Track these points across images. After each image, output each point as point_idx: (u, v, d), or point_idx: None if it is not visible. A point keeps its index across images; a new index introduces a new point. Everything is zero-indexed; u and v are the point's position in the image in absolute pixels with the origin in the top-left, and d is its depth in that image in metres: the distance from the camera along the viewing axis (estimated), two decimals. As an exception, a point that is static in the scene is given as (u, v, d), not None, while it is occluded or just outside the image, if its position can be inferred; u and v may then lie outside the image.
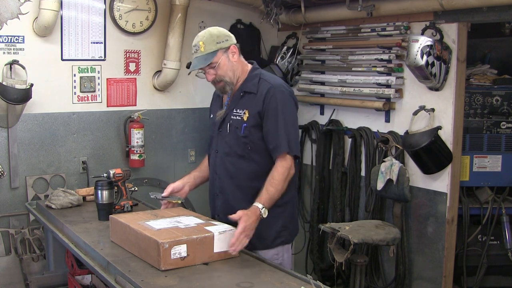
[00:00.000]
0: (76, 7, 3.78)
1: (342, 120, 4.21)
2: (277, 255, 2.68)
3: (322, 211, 4.32)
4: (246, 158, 2.63)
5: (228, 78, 2.61)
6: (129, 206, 3.07)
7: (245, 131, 2.60)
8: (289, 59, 4.38)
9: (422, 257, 3.68)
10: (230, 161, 2.66)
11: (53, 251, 3.33)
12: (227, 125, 2.67)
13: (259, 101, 2.59)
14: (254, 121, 2.59)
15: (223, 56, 2.58)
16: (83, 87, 3.88)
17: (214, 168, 2.75)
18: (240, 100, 2.65)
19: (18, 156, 3.65)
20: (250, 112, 2.60)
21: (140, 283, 2.07)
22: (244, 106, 2.63)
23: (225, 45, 2.59)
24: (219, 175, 2.73)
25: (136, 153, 4.02)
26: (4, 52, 3.53)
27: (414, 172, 3.61)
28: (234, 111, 2.65)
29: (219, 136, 2.72)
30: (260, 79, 2.65)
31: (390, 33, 3.68)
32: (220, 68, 2.58)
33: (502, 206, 3.88)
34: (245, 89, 2.65)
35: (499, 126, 3.83)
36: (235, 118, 2.64)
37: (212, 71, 2.59)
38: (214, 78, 2.61)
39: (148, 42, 4.15)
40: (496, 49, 4.31)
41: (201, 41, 2.56)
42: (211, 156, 2.81)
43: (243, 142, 2.61)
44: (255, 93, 2.61)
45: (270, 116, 2.57)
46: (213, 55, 2.55)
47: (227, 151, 2.67)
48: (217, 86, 2.67)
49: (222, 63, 2.58)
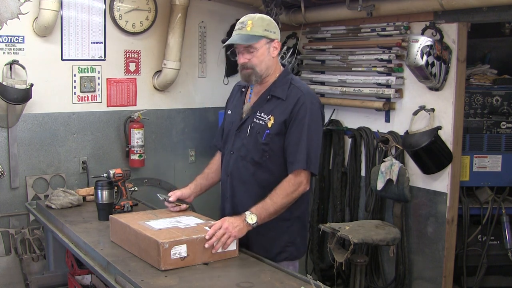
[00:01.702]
0: (76, 7, 3.78)
1: (342, 120, 4.21)
2: None
3: (322, 211, 4.32)
4: (262, 166, 2.49)
5: (259, 70, 2.46)
6: (129, 206, 3.07)
7: (266, 138, 2.46)
8: (289, 59, 4.38)
9: (422, 257, 3.68)
10: (245, 165, 2.52)
11: (53, 251, 3.33)
12: (248, 127, 2.51)
13: (287, 109, 2.44)
14: (278, 129, 2.45)
15: (265, 46, 2.45)
16: (83, 87, 3.88)
17: (227, 169, 2.61)
18: (266, 103, 2.50)
19: (18, 156, 3.65)
20: (275, 119, 2.45)
21: (140, 283, 2.06)
22: (269, 111, 2.48)
23: (271, 36, 2.47)
24: (231, 178, 2.59)
25: (136, 153, 4.03)
26: (4, 52, 3.53)
27: (414, 172, 3.61)
28: (258, 114, 2.50)
29: (237, 137, 2.56)
30: (291, 84, 2.51)
31: (390, 33, 3.68)
32: (257, 56, 2.44)
33: (502, 206, 3.88)
34: (274, 93, 2.50)
35: (499, 126, 3.83)
36: (258, 122, 2.49)
37: (247, 55, 2.44)
38: (246, 63, 2.45)
39: (148, 42, 4.15)
40: (496, 49, 4.31)
41: (250, 20, 2.43)
42: (224, 156, 2.66)
43: (262, 149, 2.47)
44: (283, 99, 2.47)
45: (295, 127, 2.43)
46: (257, 39, 2.42)
47: (243, 155, 2.52)
48: (244, 72, 2.48)
49: (261, 52, 2.44)
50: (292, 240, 2.57)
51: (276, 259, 2.49)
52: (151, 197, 4.02)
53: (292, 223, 2.56)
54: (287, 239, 2.56)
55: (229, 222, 2.31)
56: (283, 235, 2.55)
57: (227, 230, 2.28)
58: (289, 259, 2.58)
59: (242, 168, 2.53)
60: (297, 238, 2.60)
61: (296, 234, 2.59)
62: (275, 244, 2.54)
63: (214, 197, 3.50)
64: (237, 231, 2.31)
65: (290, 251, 2.57)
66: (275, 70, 2.55)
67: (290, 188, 2.41)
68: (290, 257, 2.58)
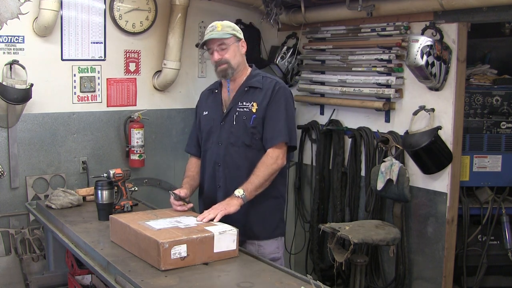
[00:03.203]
0: (76, 7, 3.78)
1: (342, 120, 4.21)
2: (278, 248, 2.85)
3: (322, 211, 4.32)
4: (253, 147, 2.77)
5: (233, 63, 2.77)
6: (129, 206, 3.07)
7: (254, 122, 2.75)
8: (289, 59, 4.38)
9: (422, 257, 3.68)
10: (237, 150, 2.78)
11: (53, 251, 3.33)
12: (232, 117, 2.79)
13: (267, 94, 2.77)
14: (263, 113, 2.75)
15: (235, 43, 2.78)
16: (83, 87, 3.88)
17: (216, 160, 2.83)
18: (245, 94, 2.81)
19: (18, 156, 3.65)
20: (258, 104, 2.76)
21: (140, 283, 2.07)
22: (250, 99, 2.78)
23: (239, 36, 2.81)
24: (222, 167, 2.81)
25: (136, 153, 4.03)
26: (4, 52, 3.53)
27: (414, 172, 3.61)
28: (240, 104, 2.79)
29: (222, 129, 2.82)
30: (263, 76, 2.86)
31: (390, 33, 3.68)
32: (229, 52, 2.76)
33: (502, 206, 3.88)
34: (250, 84, 2.82)
35: (499, 126, 3.83)
36: (242, 110, 2.78)
37: (221, 52, 2.75)
38: (220, 59, 2.75)
39: (148, 42, 4.15)
40: (496, 49, 4.30)
41: (218, 23, 2.78)
42: (209, 150, 2.88)
43: (251, 132, 2.76)
44: (260, 87, 2.80)
45: (274, 107, 2.75)
46: (227, 36, 2.74)
47: (233, 141, 2.78)
48: (220, 67, 2.78)
49: (232, 48, 2.77)
50: (281, 217, 2.95)
51: (274, 234, 2.84)
52: (151, 197, 4.04)
53: (281, 201, 2.91)
54: (279, 215, 2.92)
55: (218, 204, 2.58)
56: (276, 212, 2.88)
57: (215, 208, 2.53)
58: (281, 235, 2.92)
59: (234, 154, 2.79)
60: (283, 215, 2.98)
61: (283, 212, 2.98)
62: (271, 220, 2.84)
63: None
64: (226, 205, 2.54)
65: (281, 227, 2.93)
66: (245, 68, 2.88)
67: (269, 160, 2.70)
68: (282, 233, 2.93)
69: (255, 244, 2.77)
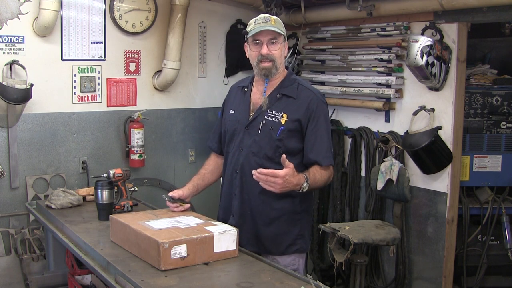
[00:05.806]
0: (76, 7, 3.78)
1: (342, 120, 4.21)
2: (294, 261, 2.66)
3: (322, 211, 4.32)
4: (275, 161, 2.55)
5: (278, 63, 2.60)
6: (129, 206, 3.07)
7: (281, 134, 2.56)
8: (289, 59, 4.38)
9: (422, 257, 3.68)
10: (257, 161, 2.58)
11: (53, 251, 3.32)
12: (259, 124, 2.60)
13: (301, 108, 2.58)
14: (292, 127, 2.57)
15: (283, 43, 2.61)
16: (83, 87, 3.88)
17: (235, 166, 2.66)
18: (277, 102, 2.61)
19: (18, 156, 3.64)
20: (288, 116, 2.57)
21: (140, 283, 2.06)
22: (281, 109, 2.59)
23: (285, 36, 2.63)
24: (241, 174, 2.64)
25: (136, 153, 4.02)
26: (4, 52, 3.53)
27: (414, 172, 3.61)
28: (269, 112, 2.60)
29: (246, 134, 2.63)
30: (299, 85, 2.65)
31: (390, 33, 3.68)
32: (278, 50, 2.58)
33: (502, 206, 3.88)
34: (284, 92, 2.62)
35: (499, 126, 3.83)
36: (270, 120, 2.59)
37: (271, 46, 2.56)
38: (268, 54, 2.56)
39: (148, 42, 4.15)
40: (496, 49, 4.30)
41: (271, 17, 2.58)
42: (230, 153, 2.71)
43: (276, 145, 2.57)
44: (294, 98, 2.60)
45: (317, 126, 2.58)
46: (282, 32, 2.57)
47: (256, 151, 2.60)
48: (263, 64, 2.58)
49: (280, 47, 2.59)
50: (302, 233, 2.67)
51: (287, 251, 2.62)
52: (151, 197, 4.03)
53: (302, 216, 2.67)
54: (297, 231, 2.65)
55: (288, 176, 2.39)
56: (294, 227, 2.64)
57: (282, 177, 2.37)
58: (299, 252, 2.68)
59: (254, 164, 2.57)
60: (305, 231, 2.71)
61: (305, 227, 2.70)
62: (286, 236, 2.63)
63: (213, 197, 3.51)
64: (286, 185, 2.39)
65: (300, 243, 2.67)
66: (283, 71, 2.69)
67: (327, 175, 2.60)
68: (300, 250, 2.68)
69: (269, 257, 2.58)
